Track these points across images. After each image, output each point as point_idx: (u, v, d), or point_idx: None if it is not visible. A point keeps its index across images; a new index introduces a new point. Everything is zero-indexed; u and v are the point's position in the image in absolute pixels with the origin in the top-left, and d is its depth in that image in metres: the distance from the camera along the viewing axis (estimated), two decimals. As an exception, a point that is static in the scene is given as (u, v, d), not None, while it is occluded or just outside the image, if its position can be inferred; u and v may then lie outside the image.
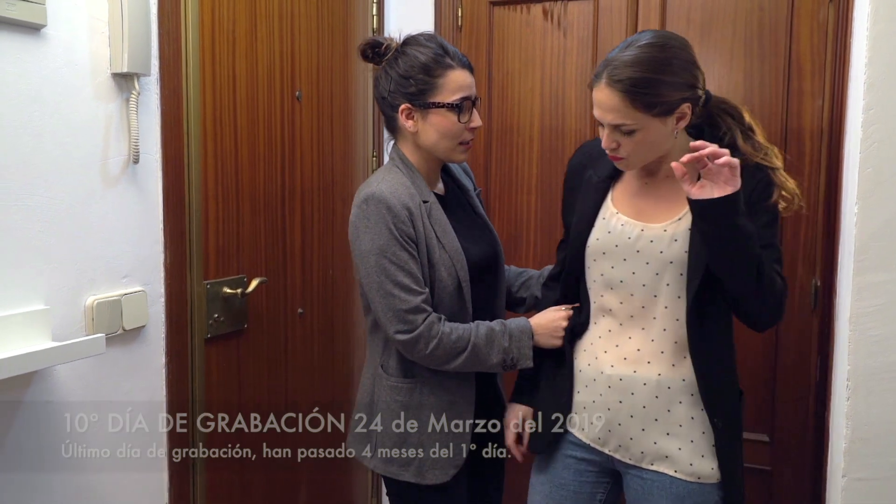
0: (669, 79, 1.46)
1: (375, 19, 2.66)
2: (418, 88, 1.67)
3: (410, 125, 1.70)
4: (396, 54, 1.71)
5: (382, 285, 1.61)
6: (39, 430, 1.53)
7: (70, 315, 1.58)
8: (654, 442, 1.60)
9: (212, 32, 1.94)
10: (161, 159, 1.79)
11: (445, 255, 1.67)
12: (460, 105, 1.68)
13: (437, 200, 1.73)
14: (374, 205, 1.62)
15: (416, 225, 1.64)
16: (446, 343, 1.62)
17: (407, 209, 1.63)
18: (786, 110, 2.29)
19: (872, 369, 1.56)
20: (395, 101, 1.69)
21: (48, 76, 1.51)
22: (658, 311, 1.59)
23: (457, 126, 1.69)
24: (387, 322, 1.63)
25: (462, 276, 1.69)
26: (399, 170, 1.72)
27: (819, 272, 2.26)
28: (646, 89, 1.45)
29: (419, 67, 1.66)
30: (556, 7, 2.56)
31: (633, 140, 1.51)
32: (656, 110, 1.46)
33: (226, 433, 2.03)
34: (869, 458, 1.58)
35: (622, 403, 1.62)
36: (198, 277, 1.92)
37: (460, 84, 1.68)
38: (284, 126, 2.23)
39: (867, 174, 1.53)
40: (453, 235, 1.70)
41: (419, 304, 1.61)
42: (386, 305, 1.62)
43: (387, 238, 1.61)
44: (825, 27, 2.22)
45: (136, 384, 1.76)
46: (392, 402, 1.73)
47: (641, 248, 1.59)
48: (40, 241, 1.51)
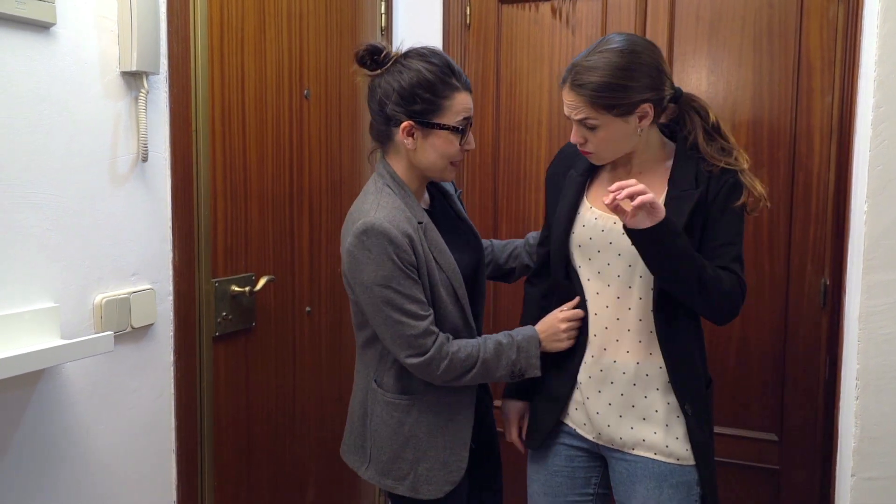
0: (629, 83, 1.54)
1: (384, 18, 2.66)
2: (424, 107, 1.62)
3: (409, 143, 1.65)
4: (400, 66, 1.65)
5: (390, 315, 1.59)
6: (48, 427, 1.54)
7: (79, 313, 1.59)
8: (631, 427, 1.67)
9: (220, 31, 1.94)
10: (170, 157, 1.79)
11: (443, 274, 1.66)
12: (463, 128, 1.66)
13: (429, 219, 1.70)
14: (374, 236, 1.57)
15: (416, 251, 1.62)
16: (456, 362, 1.62)
17: (407, 237, 1.60)
18: (795, 107, 2.28)
19: (882, 368, 1.55)
20: (396, 116, 1.64)
21: (57, 74, 1.51)
22: (633, 302, 1.65)
23: (455, 147, 1.67)
24: (397, 349, 1.62)
25: (460, 293, 1.69)
26: (391, 190, 1.67)
27: (828, 270, 2.25)
28: (605, 93, 1.54)
29: (426, 86, 1.62)
30: (564, 5, 2.56)
31: (597, 136, 1.60)
32: (615, 111, 1.55)
33: (234, 431, 2.04)
34: (878, 458, 1.57)
35: (601, 393, 1.69)
36: (206, 276, 1.92)
37: (464, 106, 1.66)
38: (293, 124, 2.23)
39: (877, 172, 1.52)
40: (448, 253, 1.68)
41: (427, 327, 1.60)
42: (395, 333, 1.60)
43: (390, 269, 1.58)
44: (835, 24, 2.21)
45: (145, 382, 1.76)
46: (388, 418, 1.71)
47: (614, 241, 1.65)
48: (49, 239, 1.51)
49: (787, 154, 2.30)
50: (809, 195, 2.28)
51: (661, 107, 1.61)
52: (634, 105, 1.55)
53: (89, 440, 1.64)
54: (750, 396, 2.40)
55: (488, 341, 1.67)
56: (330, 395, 2.46)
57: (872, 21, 1.56)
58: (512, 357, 1.67)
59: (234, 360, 2.04)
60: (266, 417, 2.17)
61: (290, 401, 2.27)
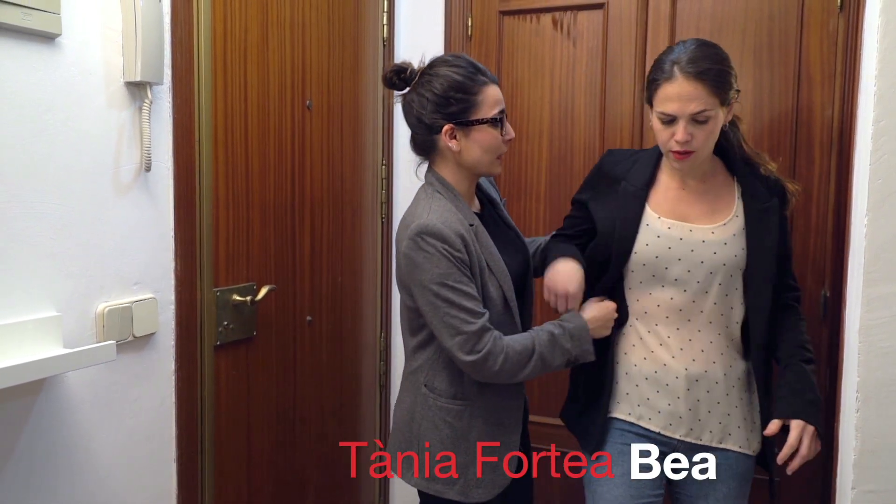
0: (731, 70, 1.68)
1: (386, 28, 2.68)
2: (460, 108, 1.67)
3: (454, 144, 1.70)
4: (429, 77, 1.70)
5: (448, 312, 1.62)
6: (50, 436, 1.54)
7: (81, 322, 1.59)
8: (719, 422, 1.79)
9: (224, 42, 1.95)
10: (173, 167, 1.80)
11: (493, 277, 1.69)
12: (500, 119, 1.70)
13: (479, 222, 1.74)
14: (429, 237, 1.62)
15: (469, 251, 1.65)
16: (513, 356, 1.64)
17: (461, 237, 1.64)
18: (795, 120, 2.29)
19: (882, 381, 1.55)
20: (436, 123, 1.69)
21: (62, 85, 1.52)
22: (707, 306, 1.76)
23: (498, 140, 1.71)
24: (455, 347, 1.63)
25: (509, 296, 1.72)
26: (441, 195, 1.71)
27: (828, 282, 2.25)
28: (722, 77, 1.65)
29: (457, 86, 1.67)
30: (565, 17, 2.57)
31: (706, 130, 1.67)
32: (725, 96, 1.66)
33: (234, 440, 2.04)
34: (879, 471, 1.57)
35: (689, 391, 1.78)
36: (208, 285, 1.93)
37: (496, 98, 1.71)
38: (295, 134, 2.24)
39: (877, 185, 1.53)
40: (499, 257, 1.72)
41: (484, 324, 1.63)
42: (453, 331, 1.62)
43: (446, 266, 1.61)
44: (835, 37, 2.22)
45: (146, 391, 1.77)
46: (440, 422, 1.73)
47: (695, 248, 1.74)
48: (52, 249, 1.52)
49: (787, 166, 2.30)
50: (809, 207, 2.28)
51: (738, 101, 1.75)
52: (733, 93, 1.68)
53: (91, 448, 1.64)
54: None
55: (541, 333, 1.70)
56: (330, 405, 2.46)
57: (872, 35, 1.57)
58: (566, 346, 1.70)
59: (235, 369, 2.04)
60: (267, 426, 2.17)
61: (291, 410, 2.27)
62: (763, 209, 1.74)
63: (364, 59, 2.58)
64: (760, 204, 1.74)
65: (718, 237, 1.74)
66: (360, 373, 2.63)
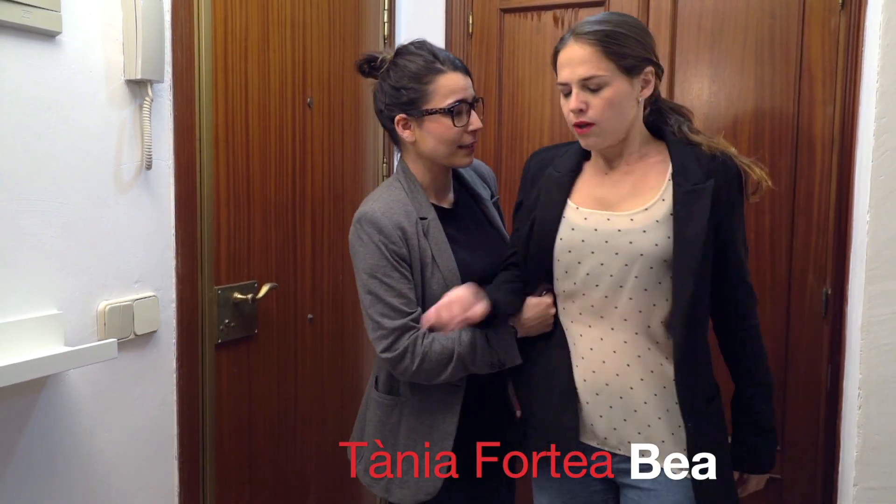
0: (636, 36, 1.50)
1: (387, 26, 2.68)
2: (410, 98, 1.65)
3: (408, 135, 1.69)
4: (389, 66, 1.69)
5: (372, 305, 1.62)
6: (51, 434, 1.54)
7: (82, 320, 1.59)
8: (639, 433, 1.55)
9: (224, 40, 1.95)
10: (173, 165, 1.80)
11: (439, 273, 1.66)
12: (453, 109, 1.65)
13: (437, 217, 1.70)
14: (366, 225, 1.62)
15: (409, 244, 1.63)
16: (432, 356, 1.60)
17: (400, 229, 1.62)
18: (797, 117, 2.29)
19: (884, 378, 1.56)
20: (391, 113, 1.69)
21: (63, 83, 1.52)
22: (621, 302, 1.54)
23: (453, 130, 1.65)
24: (374, 340, 1.63)
25: None
26: (400, 184, 1.71)
27: (830, 280, 2.25)
28: (615, 39, 1.48)
29: (409, 76, 1.65)
30: (566, 14, 2.56)
31: (601, 98, 1.50)
32: (625, 62, 1.49)
33: (235, 437, 2.04)
34: (881, 467, 1.58)
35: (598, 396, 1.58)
36: (209, 283, 1.93)
37: (452, 88, 1.65)
38: (296, 133, 2.24)
39: (879, 182, 1.53)
40: (450, 253, 1.68)
41: (406, 323, 1.60)
42: (374, 325, 1.62)
43: (377, 258, 1.61)
44: (836, 35, 2.21)
45: (147, 389, 1.77)
46: (374, 417, 1.74)
47: (610, 238, 1.54)
48: (53, 247, 1.52)
49: (788, 163, 2.30)
50: (811, 204, 2.28)
51: (659, 78, 1.57)
52: (641, 62, 1.50)
53: (92, 446, 1.64)
54: (751, 405, 2.40)
55: (463, 335, 1.62)
56: (332, 403, 2.46)
57: (874, 32, 1.57)
58: (486, 350, 1.61)
59: (237, 367, 2.04)
60: (268, 424, 2.17)
61: (292, 408, 2.27)
62: (692, 191, 1.49)
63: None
64: (690, 185, 1.50)
65: (637, 224, 1.52)
66: (360, 371, 2.63)
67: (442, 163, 1.72)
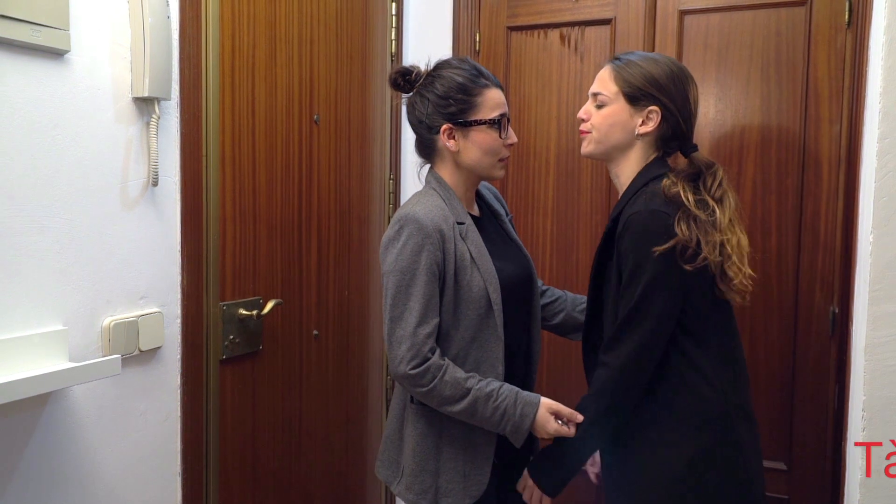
0: (656, 78, 1.64)
1: (394, 44, 2.69)
2: (458, 108, 1.71)
3: (452, 144, 1.73)
4: (431, 78, 1.75)
5: (395, 306, 1.63)
6: (55, 449, 1.55)
7: (87, 336, 1.60)
8: None
9: (232, 57, 1.97)
10: (180, 182, 1.82)
11: (479, 276, 1.68)
12: (499, 121, 1.72)
13: (472, 222, 1.75)
14: (408, 225, 1.65)
15: (446, 248, 1.66)
16: (450, 381, 1.61)
17: (439, 232, 1.65)
18: (803, 136, 2.28)
19: (888, 400, 1.54)
20: (435, 123, 1.73)
21: (70, 100, 1.54)
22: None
23: (497, 142, 1.74)
24: (395, 346, 1.63)
25: (494, 299, 1.69)
26: (436, 192, 1.75)
27: (837, 299, 2.24)
28: (629, 68, 1.66)
29: (457, 88, 1.71)
30: (573, 32, 2.57)
31: (600, 114, 1.69)
32: (629, 89, 1.65)
33: (240, 454, 2.04)
34: (886, 490, 1.56)
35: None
36: (214, 299, 1.94)
37: (497, 102, 1.74)
38: (302, 149, 2.25)
39: (882, 203, 1.52)
40: (488, 257, 1.71)
41: (429, 332, 1.62)
42: (394, 327, 1.63)
43: (412, 260, 1.63)
44: (842, 53, 2.21)
45: (152, 405, 1.77)
46: (414, 430, 1.73)
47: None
48: (59, 263, 1.53)
49: (795, 182, 2.30)
50: (818, 223, 2.27)
51: (669, 126, 1.66)
52: (646, 98, 1.64)
53: (96, 462, 1.64)
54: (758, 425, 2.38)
55: (490, 382, 1.65)
56: (337, 420, 2.46)
57: (877, 53, 1.57)
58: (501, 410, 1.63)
59: (241, 383, 2.05)
60: (272, 441, 2.17)
61: (297, 425, 2.27)
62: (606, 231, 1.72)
63: (372, 74, 2.59)
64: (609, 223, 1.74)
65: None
66: (366, 387, 2.63)
67: (481, 174, 1.78)
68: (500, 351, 1.70)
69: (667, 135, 1.68)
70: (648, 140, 1.68)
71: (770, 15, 2.31)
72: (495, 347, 1.70)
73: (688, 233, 1.51)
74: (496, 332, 1.70)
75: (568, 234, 2.60)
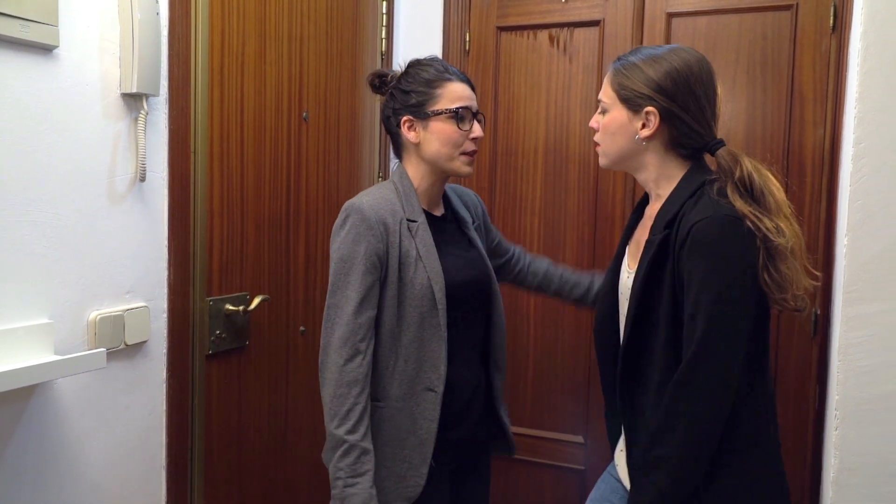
0: (651, 75, 1.50)
1: (384, 43, 2.71)
2: (418, 100, 1.74)
3: (413, 136, 1.75)
4: (401, 75, 1.79)
5: (333, 293, 1.66)
6: (39, 442, 1.56)
7: (73, 329, 1.61)
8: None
9: (221, 54, 1.98)
10: (167, 177, 1.83)
11: (423, 273, 1.68)
12: (458, 112, 1.73)
13: (426, 221, 1.74)
14: (351, 214, 1.67)
15: (390, 241, 1.67)
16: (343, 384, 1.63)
17: (383, 224, 1.67)
18: (787, 139, 2.31)
19: (860, 400, 1.57)
20: (398, 116, 1.76)
21: (59, 95, 1.55)
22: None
23: (457, 133, 1.73)
24: (327, 330, 1.67)
25: (438, 296, 1.68)
26: (394, 185, 1.76)
27: (819, 301, 2.26)
28: (624, 70, 1.53)
29: (420, 82, 1.75)
30: (562, 33, 2.59)
31: (603, 123, 1.58)
32: (623, 93, 1.53)
33: (225, 449, 2.05)
34: (857, 489, 1.59)
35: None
36: (200, 294, 1.95)
37: (459, 95, 1.75)
38: (291, 146, 2.27)
39: (857, 206, 1.55)
40: (436, 256, 1.71)
41: (363, 322, 1.64)
42: (331, 315, 1.66)
43: (351, 250, 1.65)
44: (827, 58, 2.24)
45: (137, 399, 1.79)
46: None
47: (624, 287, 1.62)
48: (46, 256, 1.54)
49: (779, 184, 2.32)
50: (801, 226, 2.28)
51: (673, 127, 1.50)
52: (643, 99, 1.50)
53: (80, 455, 1.66)
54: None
55: (367, 459, 1.63)
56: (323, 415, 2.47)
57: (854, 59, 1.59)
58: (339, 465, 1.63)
59: (227, 378, 2.06)
60: (258, 436, 2.19)
61: (283, 420, 2.29)
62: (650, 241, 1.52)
63: (362, 72, 2.61)
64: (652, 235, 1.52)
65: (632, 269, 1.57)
66: (353, 383, 2.64)
67: (443, 167, 1.77)
68: (442, 351, 1.69)
69: (678, 136, 1.52)
70: (659, 144, 1.54)
71: (756, 19, 2.33)
72: (437, 348, 1.69)
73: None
74: (439, 331, 1.69)
75: (555, 234, 2.62)
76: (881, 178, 1.53)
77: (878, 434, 1.56)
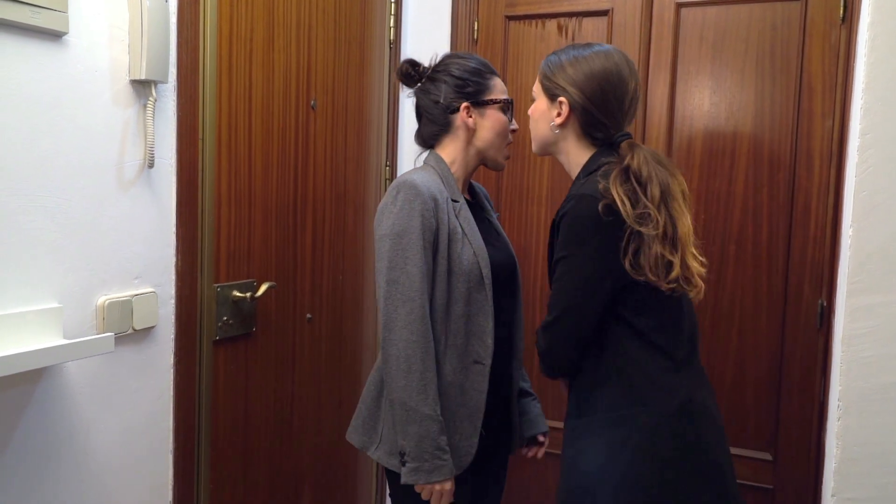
0: (569, 70, 1.64)
1: (392, 31, 2.71)
2: (476, 88, 1.82)
3: (471, 122, 1.82)
4: (444, 65, 1.86)
5: (392, 269, 1.66)
6: (48, 425, 1.58)
7: (82, 314, 1.63)
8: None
9: (229, 41, 1.99)
10: (176, 164, 1.84)
11: (470, 249, 1.73)
12: (510, 103, 1.86)
13: (465, 203, 1.80)
14: (404, 190, 1.69)
15: (439, 216, 1.70)
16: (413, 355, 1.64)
17: (434, 199, 1.70)
18: (796, 130, 2.30)
19: (863, 390, 1.57)
20: (455, 103, 1.81)
21: (68, 82, 1.56)
22: None
23: (506, 125, 1.85)
24: (389, 308, 1.66)
25: (485, 272, 1.73)
26: (434, 169, 1.81)
27: (825, 292, 2.26)
28: (548, 62, 1.70)
29: (472, 71, 1.83)
30: (570, 23, 2.59)
31: (530, 110, 1.74)
32: (545, 83, 1.68)
33: (231, 433, 2.07)
34: (858, 478, 1.59)
35: None
36: (208, 280, 1.96)
37: (503, 88, 1.88)
38: (298, 134, 2.28)
39: (862, 197, 1.55)
40: (479, 235, 1.77)
41: (426, 298, 1.66)
42: (392, 291, 1.66)
43: (406, 224, 1.66)
44: (836, 49, 2.23)
45: (144, 383, 1.80)
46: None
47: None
48: (55, 242, 1.55)
49: (787, 176, 2.32)
50: (808, 218, 2.29)
51: (581, 118, 1.63)
52: (557, 89, 1.64)
53: (88, 439, 1.67)
54: (746, 415, 2.42)
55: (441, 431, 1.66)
56: (329, 402, 2.49)
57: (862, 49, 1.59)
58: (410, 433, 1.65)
59: (234, 364, 2.08)
60: (264, 421, 2.20)
61: (289, 406, 2.31)
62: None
63: (370, 60, 2.61)
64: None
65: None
66: (359, 371, 2.66)
67: (489, 157, 1.86)
68: (489, 325, 1.74)
69: (587, 125, 1.64)
70: (572, 132, 1.67)
71: (766, 9, 2.32)
72: (484, 322, 1.74)
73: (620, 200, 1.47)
74: (486, 306, 1.74)
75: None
76: (887, 169, 1.53)
77: (881, 424, 1.56)
